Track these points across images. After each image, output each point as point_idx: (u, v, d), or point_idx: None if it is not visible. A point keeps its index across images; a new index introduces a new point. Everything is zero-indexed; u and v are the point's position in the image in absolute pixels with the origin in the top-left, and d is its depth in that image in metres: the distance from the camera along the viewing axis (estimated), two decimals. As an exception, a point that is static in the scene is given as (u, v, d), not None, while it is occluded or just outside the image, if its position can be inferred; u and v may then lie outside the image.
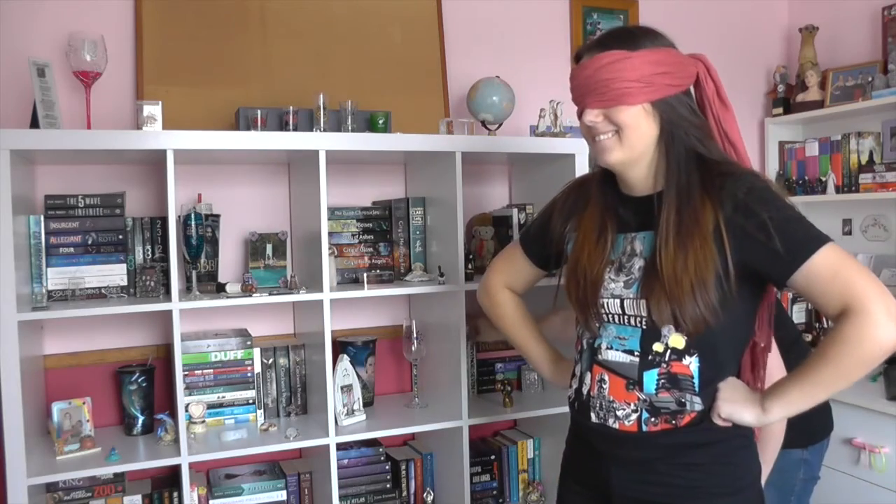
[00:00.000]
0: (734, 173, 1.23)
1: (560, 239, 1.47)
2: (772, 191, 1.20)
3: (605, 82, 1.23)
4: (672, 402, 1.26)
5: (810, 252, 1.15)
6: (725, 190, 1.20)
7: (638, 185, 1.32)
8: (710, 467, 1.27)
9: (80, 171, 2.16)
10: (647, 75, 1.22)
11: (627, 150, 1.26)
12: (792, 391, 1.22)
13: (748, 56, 3.19)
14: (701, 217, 1.20)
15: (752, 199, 1.18)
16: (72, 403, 1.97)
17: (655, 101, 1.23)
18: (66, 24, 2.11)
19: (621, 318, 1.30)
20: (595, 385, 1.33)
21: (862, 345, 1.13)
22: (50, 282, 1.98)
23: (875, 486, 2.19)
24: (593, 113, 1.26)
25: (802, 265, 1.15)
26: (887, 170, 2.66)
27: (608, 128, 1.26)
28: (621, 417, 1.29)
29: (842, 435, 2.29)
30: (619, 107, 1.23)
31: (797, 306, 3.07)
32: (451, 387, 2.23)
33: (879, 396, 2.23)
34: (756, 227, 1.17)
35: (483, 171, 2.63)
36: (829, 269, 1.14)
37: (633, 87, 1.22)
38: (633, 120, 1.24)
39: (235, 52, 2.33)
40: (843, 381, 1.17)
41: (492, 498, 2.47)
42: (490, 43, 2.71)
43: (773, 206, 1.17)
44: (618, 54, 1.22)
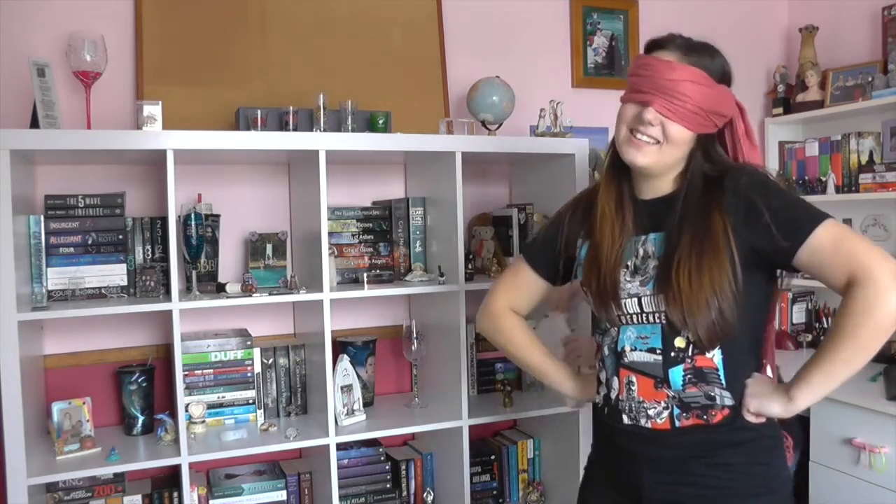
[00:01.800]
0: (732, 167, 1.29)
1: (571, 247, 1.46)
2: (770, 179, 1.25)
3: (683, 96, 1.24)
4: (701, 395, 1.27)
5: (811, 229, 1.17)
6: (725, 184, 1.24)
7: (651, 189, 1.34)
8: (743, 467, 1.27)
9: (80, 171, 2.16)
10: (713, 110, 1.26)
11: (660, 160, 1.29)
12: (815, 375, 1.23)
13: (748, 56, 3.19)
14: (710, 224, 1.23)
15: (751, 187, 1.22)
16: (72, 403, 1.97)
17: (700, 134, 1.28)
18: (66, 24, 2.11)
19: (640, 316, 1.30)
20: (623, 388, 1.33)
21: (874, 313, 1.15)
22: (50, 282, 1.98)
23: (875, 486, 2.19)
24: (654, 114, 1.25)
25: (805, 242, 1.17)
26: (887, 170, 2.66)
27: (657, 134, 1.27)
28: (653, 416, 1.29)
29: (842, 435, 2.29)
30: (679, 124, 1.25)
31: (797, 306, 3.07)
32: (451, 387, 2.23)
33: (879, 396, 2.22)
34: (758, 214, 1.20)
35: (483, 171, 2.63)
36: (831, 243, 1.17)
37: (700, 114, 1.25)
38: (681, 140, 1.27)
39: (235, 52, 2.33)
40: (862, 354, 1.20)
41: (492, 498, 2.47)
42: (490, 43, 2.71)
43: (773, 193, 1.22)
44: (706, 79, 1.25)
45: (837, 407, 2.31)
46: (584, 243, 1.43)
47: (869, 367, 2.57)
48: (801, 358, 2.84)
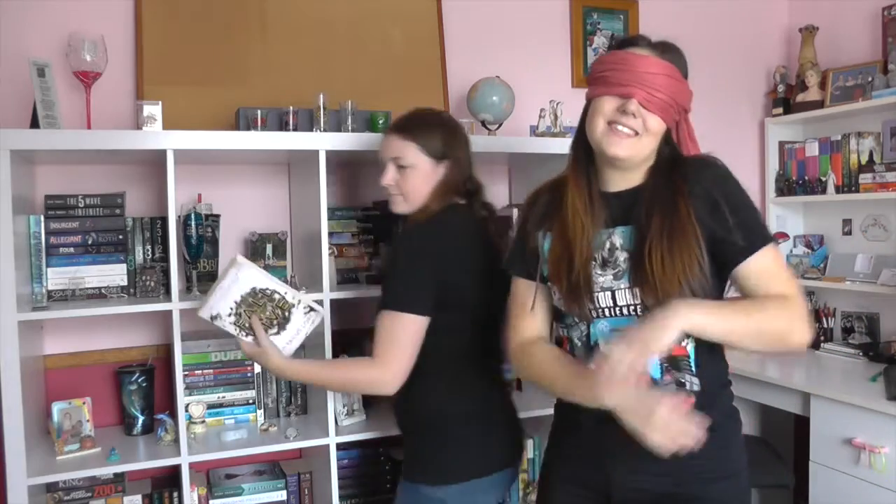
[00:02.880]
0: (694, 158, 1.36)
1: (531, 240, 1.45)
2: (731, 175, 1.32)
3: (661, 89, 1.28)
4: (672, 383, 1.30)
5: (765, 242, 1.28)
6: (689, 174, 1.31)
7: (621, 181, 1.36)
8: (710, 452, 1.28)
9: (80, 171, 2.16)
10: (681, 104, 1.33)
11: (638, 151, 1.31)
12: (706, 304, 1.22)
13: (748, 56, 3.19)
14: (678, 209, 1.28)
15: (715, 181, 1.30)
16: (72, 403, 1.97)
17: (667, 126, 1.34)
18: (66, 24, 2.11)
19: (613, 310, 1.32)
20: None
21: (787, 324, 1.24)
22: (50, 282, 1.98)
23: (875, 486, 2.19)
24: (636, 104, 1.28)
25: (761, 250, 1.26)
26: (887, 170, 2.66)
27: (637, 125, 1.29)
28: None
29: (842, 435, 2.29)
30: (657, 116, 1.30)
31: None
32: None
33: (879, 396, 2.22)
34: (720, 207, 1.27)
35: (483, 171, 2.62)
36: (773, 264, 1.28)
37: (673, 107, 1.31)
38: (658, 131, 1.32)
39: (235, 52, 2.33)
40: (746, 327, 1.23)
41: (492, 498, 2.46)
42: (490, 43, 2.71)
43: (735, 191, 1.30)
44: (677, 73, 1.31)
45: (837, 407, 2.31)
46: (545, 237, 1.42)
47: (869, 367, 2.59)
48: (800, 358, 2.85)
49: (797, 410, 2.52)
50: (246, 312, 1.63)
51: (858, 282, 2.79)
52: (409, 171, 1.66)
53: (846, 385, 2.41)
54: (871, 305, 2.86)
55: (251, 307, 1.62)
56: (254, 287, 1.62)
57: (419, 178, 1.65)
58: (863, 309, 2.89)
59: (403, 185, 1.66)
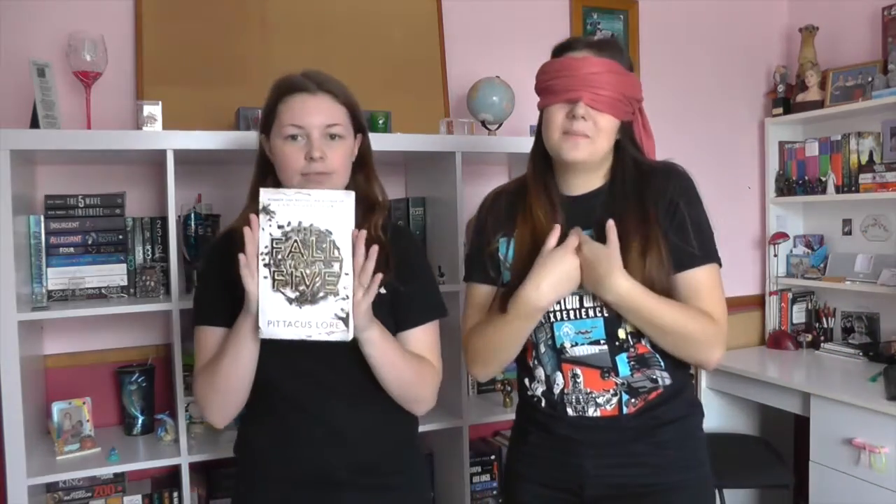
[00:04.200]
0: (658, 165, 1.37)
1: (488, 243, 1.43)
2: (694, 187, 1.35)
3: (606, 87, 1.29)
4: (645, 380, 1.33)
5: (708, 261, 1.32)
6: (653, 182, 1.33)
7: (581, 184, 1.38)
8: (679, 442, 1.35)
9: (80, 171, 2.16)
10: (628, 97, 1.32)
11: (594, 152, 1.32)
12: (645, 293, 1.26)
13: (748, 56, 3.19)
14: (653, 217, 1.30)
15: (679, 192, 1.33)
16: (72, 403, 1.97)
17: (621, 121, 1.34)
18: (66, 24, 2.11)
19: (578, 311, 1.34)
20: (569, 382, 1.35)
21: (704, 340, 1.29)
22: (50, 282, 1.98)
23: (875, 486, 2.19)
24: (584, 106, 1.29)
25: (709, 264, 1.32)
26: (887, 170, 2.66)
27: (589, 127, 1.30)
28: (602, 404, 1.33)
29: (842, 435, 2.29)
30: (607, 114, 1.30)
31: (797, 306, 3.07)
32: (451, 387, 2.22)
33: (879, 396, 2.23)
34: (681, 216, 1.31)
35: (483, 171, 2.63)
36: (711, 282, 1.32)
37: (622, 101, 1.31)
38: (611, 129, 1.32)
39: (235, 52, 2.33)
40: (673, 329, 1.27)
41: (492, 498, 2.47)
42: (490, 43, 2.71)
43: (696, 205, 1.34)
44: (621, 69, 1.31)
45: (837, 407, 2.31)
46: (507, 242, 1.41)
47: (869, 367, 2.59)
48: (801, 358, 2.85)
49: (797, 410, 2.52)
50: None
51: (858, 282, 2.79)
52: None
53: (846, 385, 2.42)
54: (871, 305, 2.86)
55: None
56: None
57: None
58: (863, 309, 2.89)
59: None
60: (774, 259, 3.09)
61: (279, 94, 1.35)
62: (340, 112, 1.37)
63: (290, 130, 1.31)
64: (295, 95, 1.34)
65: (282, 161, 1.31)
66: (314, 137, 1.31)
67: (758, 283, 3.21)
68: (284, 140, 1.31)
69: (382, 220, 1.39)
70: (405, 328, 1.40)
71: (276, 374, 1.32)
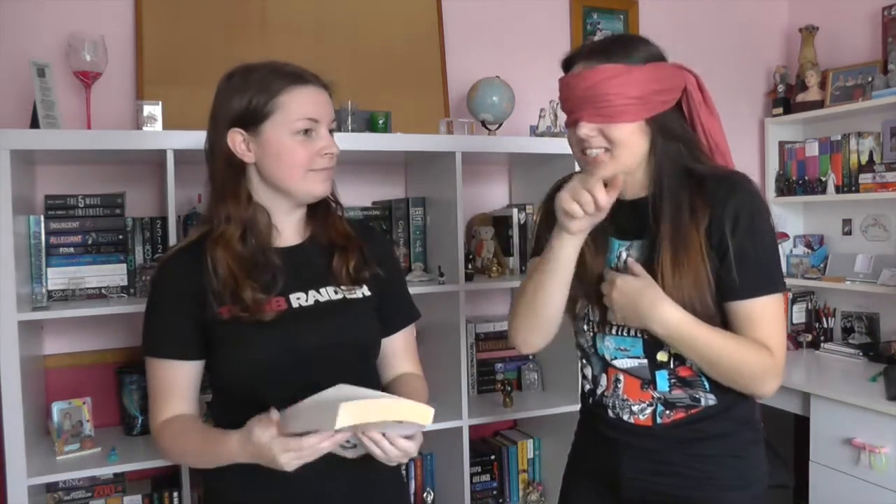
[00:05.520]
0: (718, 173, 1.24)
1: (543, 239, 1.40)
2: (759, 207, 1.23)
3: (605, 97, 1.20)
4: (686, 397, 1.28)
5: (768, 291, 1.22)
6: (708, 196, 1.22)
7: (628, 190, 1.29)
8: (721, 459, 1.28)
9: (80, 171, 2.16)
10: (645, 92, 1.21)
11: (620, 166, 1.24)
12: (695, 323, 1.20)
13: (748, 56, 3.19)
14: (693, 232, 1.21)
15: (742, 216, 1.20)
16: (72, 403, 1.97)
17: (650, 117, 1.23)
18: (66, 24, 2.11)
19: (620, 329, 1.30)
20: (611, 385, 1.34)
21: (756, 371, 1.21)
22: (50, 282, 1.98)
23: (875, 486, 2.19)
24: (588, 127, 1.23)
25: (756, 298, 1.21)
26: (887, 170, 2.66)
27: (602, 143, 1.24)
28: (636, 412, 1.31)
29: (842, 435, 2.29)
30: (616, 123, 1.22)
31: (797, 306, 3.07)
32: (451, 387, 2.22)
33: (879, 396, 2.22)
34: (740, 246, 1.20)
35: (483, 171, 2.63)
36: (771, 312, 1.22)
37: (632, 103, 1.20)
38: (628, 137, 1.23)
39: (235, 52, 2.31)
40: (720, 362, 1.21)
41: (492, 498, 2.47)
42: (490, 43, 2.71)
43: (756, 230, 1.21)
44: (619, 68, 1.21)
45: (837, 407, 2.31)
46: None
47: (869, 367, 2.59)
48: (801, 358, 2.85)
49: (797, 410, 2.52)
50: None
51: (858, 282, 2.79)
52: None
53: (846, 385, 2.41)
54: (871, 305, 2.86)
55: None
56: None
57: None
58: (863, 309, 2.89)
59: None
60: (774, 259, 3.09)
61: (284, 83, 1.25)
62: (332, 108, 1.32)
63: (303, 124, 1.23)
64: (307, 87, 1.26)
65: (287, 157, 1.23)
66: (326, 133, 1.26)
67: (758, 283, 3.20)
68: (294, 134, 1.23)
69: (343, 215, 1.37)
70: (392, 331, 1.39)
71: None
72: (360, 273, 1.32)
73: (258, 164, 1.25)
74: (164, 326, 1.26)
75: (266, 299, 1.23)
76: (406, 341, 1.42)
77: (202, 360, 1.27)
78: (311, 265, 1.31)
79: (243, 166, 1.26)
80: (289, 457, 1.07)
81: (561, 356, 2.32)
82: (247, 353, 1.22)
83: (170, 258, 1.30)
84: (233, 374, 1.24)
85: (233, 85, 1.29)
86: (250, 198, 1.26)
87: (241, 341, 1.22)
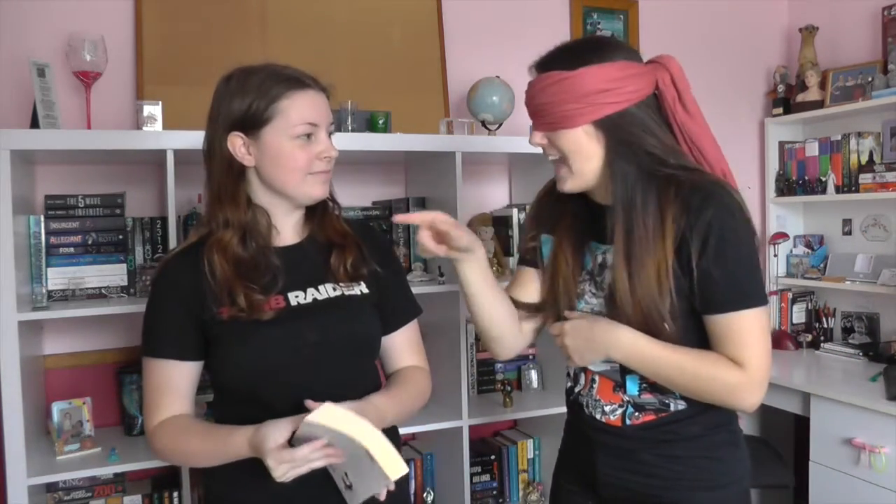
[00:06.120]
0: (704, 189, 1.18)
1: (536, 238, 1.43)
2: (740, 231, 1.18)
3: (546, 106, 1.21)
4: (655, 402, 1.28)
5: (744, 306, 1.17)
6: (694, 208, 1.17)
7: (600, 195, 1.28)
8: (693, 461, 1.27)
9: (80, 171, 2.16)
10: (588, 95, 1.17)
11: (579, 177, 1.24)
12: (651, 343, 1.20)
13: (748, 56, 3.19)
14: (655, 240, 1.18)
15: (717, 227, 1.16)
16: (72, 403, 1.97)
17: (598, 120, 1.19)
18: (66, 24, 2.11)
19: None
20: (588, 384, 1.36)
21: (726, 387, 1.19)
22: (50, 282, 1.98)
23: (875, 486, 2.19)
24: (539, 136, 1.25)
25: (731, 313, 1.17)
26: (887, 170, 2.66)
27: (554, 151, 1.25)
28: (608, 412, 1.32)
29: (842, 435, 2.29)
30: (560, 131, 1.21)
31: (797, 306, 3.07)
32: (451, 387, 2.22)
33: (879, 396, 2.22)
34: (716, 260, 1.16)
35: (483, 171, 2.63)
36: (748, 328, 1.17)
37: (571, 109, 1.18)
38: (574, 145, 1.21)
39: (235, 52, 2.31)
40: (684, 383, 1.21)
41: (492, 498, 2.47)
42: (490, 43, 2.71)
43: (733, 246, 1.16)
44: (556, 76, 1.19)
45: (837, 407, 2.31)
46: (546, 239, 1.41)
47: (869, 367, 2.58)
48: (801, 358, 2.85)
49: (797, 410, 2.52)
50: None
51: (858, 282, 2.79)
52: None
53: (846, 385, 2.41)
54: (871, 305, 2.86)
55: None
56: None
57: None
58: (863, 309, 2.89)
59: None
60: (774, 259, 3.09)
61: (283, 88, 1.25)
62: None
63: (303, 129, 1.23)
64: (306, 91, 1.26)
65: (287, 161, 1.23)
66: (325, 136, 1.27)
67: (758, 283, 3.21)
68: (294, 138, 1.23)
69: (340, 214, 1.38)
70: (394, 328, 1.40)
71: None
72: (359, 270, 1.33)
73: (258, 167, 1.26)
74: (163, 327, 1.26)
75: (265, 300, 1.24)
76: (409, 337, 1.43)
77: (200, 362, 1.28)
78: (310, 264, 1.32)
79: (243, 170, 1.27)
80: (283, 469, 1.09)
81: (561, 356, 2.32)
82: (246, 352, 1.23)
83: (170, 260, 1.31)
84: (233, 373, 1.25)
85: (231, 88, 1.29)
86: (250, 201, 1.27)
87: (240, 340, 1.23)
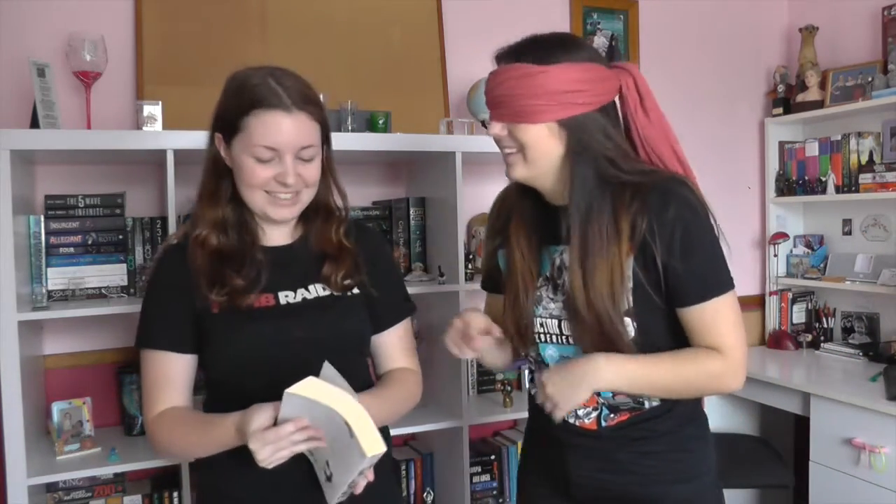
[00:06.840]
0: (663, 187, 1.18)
1: (493, 256, 1.41)
2: (703, 223, 1.19)
3: (512, 97, 1.18)
4: (629, 401, 1.28)
5: (715, 294, 1.19)
6: (654, 207, 1.16)
7: (554, 195, 1.27)
8: (667, 455, 1.28)
9: (80, 171, 2.16)
10: (558, 93, 1.16)
11: (532, 167, 1.22)
12: (632, 364, 1.19)
13: (748, 56, 3.19)
14: (610, 243, 1.18)
15: (678, 224, 1.16)
16: (72, 403, 1.97)
17: (563, 119, 1.18)
18: (66, 24, 2.11)
19: (559, 337, 1.29)
20: None
21: (711, 378, 1.22)
22: (50, 282, 1.98)
23: (875, 486, 2.19)
24: (497, 126, 1.22)
25: (703, 303, 1.19)
26: (887, 170, 2.66)
27: (511, 143, 1.22)
28: (582, 416, 1.31)
29: (842, 435, 2.29)
30: (522, 124, 1.19)
31: (797, 306, 3.07)
32: (451, 387, 2.22)
33: (879, 396, 2.22)
34: (676, 254, 1.16)
35: (483, 171, 2.63)
36: (721, 314, 1.20)
37: (539, 105, 1.16)
38: (535, 139, 1.19)
39: (235, 52, 2.33)
40: (674, 387, 1.22)
41: (492, 498, 2.47)
42: (490, 43, 2.69)
43: (697, 241, 1.17)
44: (530, 68, 1.17)
45: (837, 407, 2.31)
46: (500, 256, 1.39)
47: (869, 367, 2.59)
48: (801, 358, 2.85)
49: (797, 410, 2.52)
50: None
51: (858, 282, 2.79)
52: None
53: (846, 385, 2.41)
54: (871, 305, 2.86)
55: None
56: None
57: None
58: (863, 309, 2.89)
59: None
60: (774, 259, 3.09)
61: (250, 104, 1.21)
62: (314, 131, 1.24)
63: (262, 153, 1.19)
64: (270, 112, 1.20)
65: (246, 177, 1.22)
66: (287, 162, 1.20)
67: (758, 283, 3.21)
68: (253, 159, 1.20)
69: (343, 226, 1.36)
70: (384, 328, 1.39)
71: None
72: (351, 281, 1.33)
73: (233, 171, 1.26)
74: (158, 319, 1.27)
75: (246, 287, 1.24)
76: (401, 337, 1.42)
77: (196, 356, 1.28)
78: (300, 265, 1.32)
79: (227, 170, 1.28)
80: (267, 451, 1.06)
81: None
82: (234, 347, 1.23)
83: (162, 253, 1.32)
84: (222, 368, 1.26)
85: (225, 87, 1.31)
86: (236, 199, 1.28)
87: (229, 334, 1.23)
